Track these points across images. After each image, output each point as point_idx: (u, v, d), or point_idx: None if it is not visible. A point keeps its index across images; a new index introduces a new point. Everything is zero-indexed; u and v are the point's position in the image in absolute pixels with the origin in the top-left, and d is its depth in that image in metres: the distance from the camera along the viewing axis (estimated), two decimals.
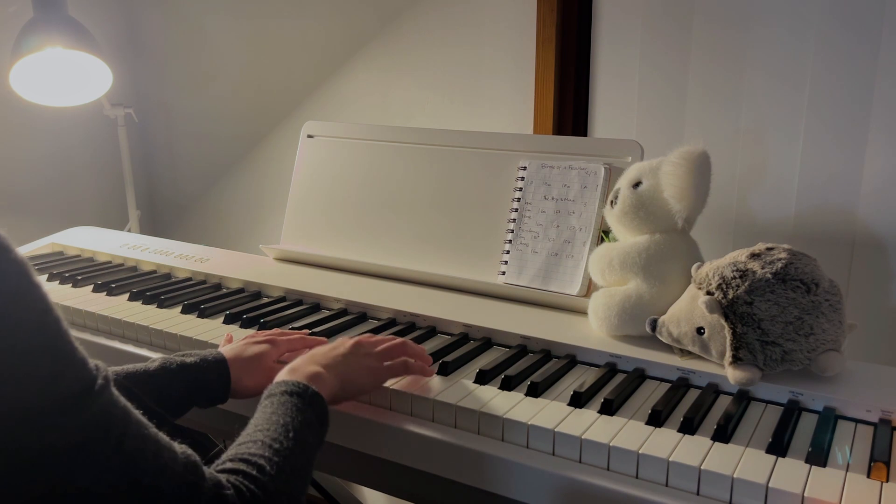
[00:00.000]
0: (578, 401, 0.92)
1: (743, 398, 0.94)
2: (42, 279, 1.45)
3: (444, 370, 1.01)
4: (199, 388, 0.95)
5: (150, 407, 0.88)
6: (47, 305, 0.58)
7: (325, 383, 0.85)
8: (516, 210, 1.29)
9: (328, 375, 0.87)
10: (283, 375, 0.85)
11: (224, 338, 1.12)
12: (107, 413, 0.60)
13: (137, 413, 0.63)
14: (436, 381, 0.99)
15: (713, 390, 0.96)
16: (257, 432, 0.74)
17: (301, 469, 0.74)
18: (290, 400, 0.79)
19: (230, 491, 0.65)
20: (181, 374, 0.94)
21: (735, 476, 0.77)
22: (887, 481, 0.77)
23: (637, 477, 0.81)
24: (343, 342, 0.95)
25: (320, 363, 0.88)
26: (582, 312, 1.16)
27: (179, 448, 0.65)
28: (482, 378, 0.99)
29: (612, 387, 0.96)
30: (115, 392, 0.62)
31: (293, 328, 1.16)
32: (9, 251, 0.58)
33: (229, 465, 0.69)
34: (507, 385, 0.97)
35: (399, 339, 1.01)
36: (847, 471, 0.79)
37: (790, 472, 0.78)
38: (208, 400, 0.97)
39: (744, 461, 0.80)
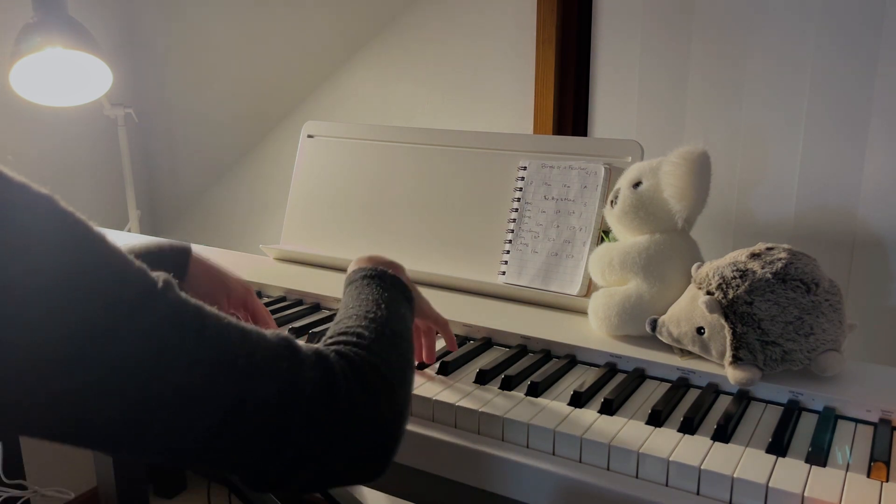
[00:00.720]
0: (578, 401, 0.92)
1: (743, 398, 0.94)
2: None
3: (444, 370, 1.01)
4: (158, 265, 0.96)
5: None
6: (86, 226, 0.57)
7: (401, 273, 0.87)
8: (516, 210, 1.29)
9: (399, 271, 0.88)
10: (359, 263, 0.87)
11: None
12: (177, 310, 0.58)
13: (214, 309, 0.61)
14: (436, 381, 0.99)
15: (713, 390, 0.96)
16: (348, 310, 0.75)
17: (401, 335, 0.74)
18: (371, 282, 0.81)
19: (333, 356, 0.64)
20: (144, 254, 0.93)
21: (735, 476, 0.77)
22: (887, 481, 0.77)
23: (637, 477, 0.81)
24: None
25: (387, 263, 0.90)
26: (582, 312, 1.16)
27: (270, 331, 0.63)
28: (482, 378, 0.99)
29: (612, 387, 0.96)
30: (182, 293, 0.60)
31: (293, 328, 1.16)
32: (28, 187, 0.57)
33: (329, 340, 0.69)
34: (507, 385, 0.97)
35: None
36: (847, 471, 0.79)
37: (790, 472, 0.78)
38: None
39: (744, 461, 0.80)
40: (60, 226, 0.55)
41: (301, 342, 0.64)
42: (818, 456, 0.80)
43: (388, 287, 0.80)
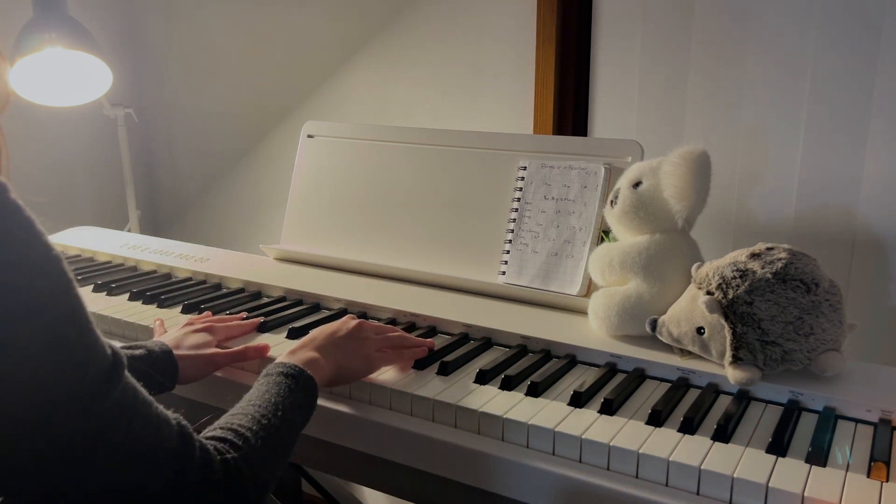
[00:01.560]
0: (578, 401, 0.92)
1: (743, 398, 0.94)
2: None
3: (444, 370, 1.01)
4: (148, 379, 0.97)
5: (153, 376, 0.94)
6: (78, 295, 0.60)
7: (321, 369, 0.90)
8: (516, 210, 1.29)
9: (325, 362, 0.91)
10: (282, 357, 0.90)
11: (157, 324, 1.16)
12: (123, 396, 0.63)
13: (143, 391, 0.66)
14: (436, 381, 0.99)
15: (713, 390, 0.96)
16: (249, 406, 0.79)
17: (284, 446, 0.79)
18: (284, 381, 0.84)
19: (217, 458, 0.69)
20: (133, 365, 0.95)
21: (735, 476, 0.77)
22: (887, 481, 0.77)
23: (637, 477, 0.81)
24: (346, 322, 1.00)
25: (319, 348, 0.93)
26: (582, 312, 1.16)
27: (174, 418, 0.68)
28: (482, 378, 0.99)
29: (612, 387, 0.96)
30: (127, 373, 0.64)
31: (293, 328, 1.16)
32: (40, 245, 0.59)
33: (219, 432, 0.73)
34: (507, 385, 0.97)
35: (399, 332, 1.06)
36: (847, 471, 0.79)
37: (790, 472, 0.78)
38: (157, 389, 1.00)
39: (744, 461, 0.80)
40: (54, 293, 0.59)
41: (196, 437, 0.70)
42: (818, 456, 0.80)
43: (296, 389, 0.84)
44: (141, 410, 0.64)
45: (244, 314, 1.21)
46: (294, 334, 1.14)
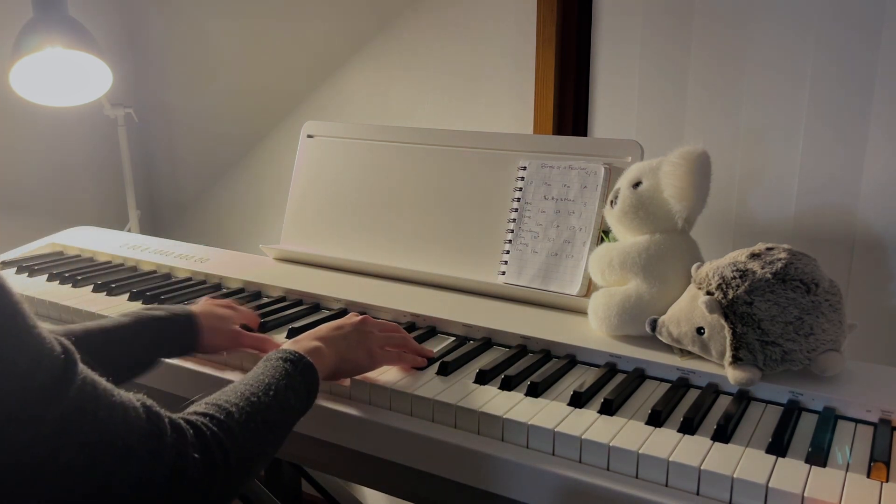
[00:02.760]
0: (578, 401, 0.92)
1: (743, 398, 0.94)
2: (38, 280, 1.45)
3: (444, 370, 1.01)
4: (169, 338, 1.00)
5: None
6: (14, 303, 0.59)
7: (323, 357, 0.89)
8: (516, 210, 1.29)
9: (327, 351, 0.91)
10: (285, 345, 0.89)
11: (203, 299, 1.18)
12: (81, 393, 0.62)
13: (102, 380, 0.65)
14: (436, 381, 0.99)
15: (713, 390, 0.96)
16: (240, 385, 0.78)
17: (274, 425, 0.77)
18: (282, 365, 0.83)
19: (191, 431, 0.68)
20: (153, 325, 0.98)
21: (735, 476, 0.77)
22: (887, 481, 0.77)
23: (637, 477, 0.81)
24: (350, 318, 1.01)
25: (322, 338, 0.93)
26: (582, 312, 1.16)
27: (138, 399, 0.67)
28: (482, 378, 0.99)
29: (612, 387, 0.96)
30: (82, 367, 0.64)
31: (293, 328, 1.16)
32: None
33: (201, 407, 0.73)
34: (507, 385, 0.97)
35: (403, 332, 1.06)
36: (847, 471, 0.79)
37: (790, 472, 0.78)
38: (179, 350, 1.02)
39: (744, 461, 0.80)
40: None
41: (166, 414, 0.69)
42: (818, 456, 0.80)
43: (294, 373, 0.83)
44: (103, 402, 0.64)
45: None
46: (294, 334, 1.14)
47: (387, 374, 1.01)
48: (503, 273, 1.28)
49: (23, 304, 0.60)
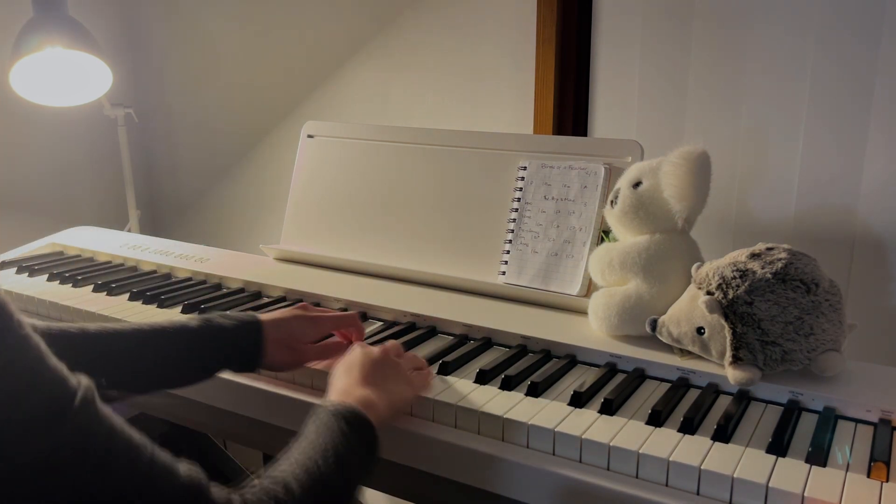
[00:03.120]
0: (578, 401, 0.92)
1: (743, 398, 0.94)
2: (38, 280, 1.45)
3: (445, 370, 1.01)
4: (232, 353, 0.95)
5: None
6: (7, 322, 0.54)
7: (376, 407, 0.81)
8: (516, 210, 1.29)
9: (377, 397, 0.83)
10: (333, 394, 0.83)
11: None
12: (84, 434, 0.56)
13: (130, 432, 0.59)
14: (436, 382, 0.99)
15: (713, 390, 0.96)
16: (295, 451, 0.72)
17: (337, 492, 0.70)
18: (336, 424, 0.75)
19: None
20: (219, 335, 0.94)
21: (735, 476, 0.77)
22: (887, 481, 0.77)
23: (637, 477, 0.81)
24: (371, 350, 0.92)
25: (367, 382, 0.85)
26: (582, 312, 1.16)
27: (184, 468, 0.61)
28: (482, 378, 0.99)
29: (612, 387, 0.96)
30: (101, 411, 0.57)
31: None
32: None
33: (255, 482, 0.66)
34: (507, 385, 0.97)
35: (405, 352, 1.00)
36: (847, 471, 0.79)
37: (790, 472, 0.78)
38: (240, 366, 0.97)
39: (744, 461, 0.80)
40: None
41: (219, 489, 0.61)
42: (818, 456, 0.80)
43: (351, 434, 0.75)
44: (119, 454, 0.57)
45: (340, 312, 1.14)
46: None
47: None
48: (503, 273, 1.28)
49: (24, 329, 0.55)
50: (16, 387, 0.53)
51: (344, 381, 0.86)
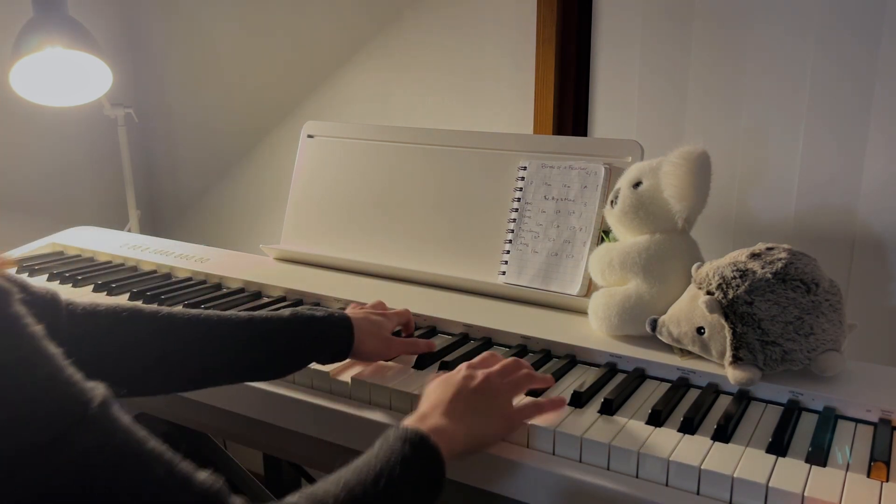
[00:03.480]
0: (578, 401, 0.92)
1: (743, 398, 0.94)
2: (39, 280, 1.45)
3: (445, 370, 1.01)
4: (325, 341, 0.97)
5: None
6: (22, 343, 0.54)
7: (450, 440, 0.75)
8: (516, 210, 1.29)
9: (455, 429, 0.77)
10: (414, 415, 0.79)
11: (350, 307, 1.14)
12: (102, 437, 0.55)
13: (148, 439, 0.58)
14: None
15: (713, 390, 0.96)
16: (346, 471, 0.67)
17: None
18: (399, 447, 0.70)
19: None
20: (311, 325, 0.95)
21: (735, 476, 0.77)
22: (887, 481, 0.77)
23: (637, 477, 0.81)
24: (471, 377, 0.85)
25: (450, 413, 0.79)
26: (582, 312, 1.16)
27: (203, 477, 0.58)
28: None
29: (612, 387, 0.96)
30: (118, 418, 0.56)
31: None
32: None
33: (291, 498, 0.63)
34: None
35: (523, 366, 0.92)
36: (847, 471, 0.79)
37: (790, 472, 0.78)
38: (331, 355, 0.98)
39: (744, 461, 0.80)
40: None
41: (240, 500, 0.59)
42: (818, 456, 0.80)
43: (413, 460, 0.69)
44: (131, 461, 0.55)
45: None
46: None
47: (388, 373, 1.01)
48: (503, 273, 1.28)
49: (36, 346, 0.54)
50: (33, 393, 0.53)
51: (429, 404, 0.80)
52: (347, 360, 1.02)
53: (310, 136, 1.54)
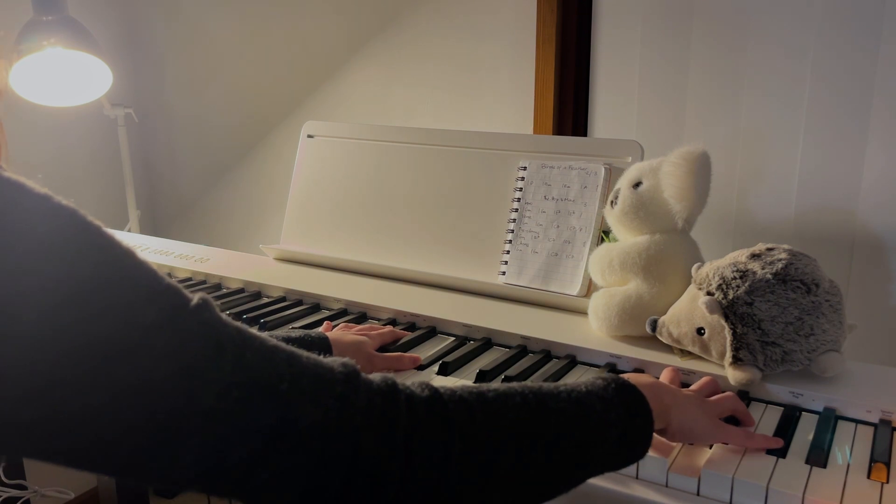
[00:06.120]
0: None
1: (743, 398, 0.94)
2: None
3: (444, 370, 1.01)
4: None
5: None
6: (111, 241, 0.53)
7: (660, 403, 0.70)
8: (516, 210, 1.29)
9: (667, 406, 0.73)
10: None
11: (324, 325, 1.15)
12: (210, 330, 0.54)
13: (260, 333, 0.58)
14: (436, 382, 0.99)
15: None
16: (515, 384, 0.62)
17: (547, 472, 0.58)
18: (603, 386, 0.64)
19: (404, 393, 0.56)
20: (289, 340, 0.94)
21: (735, 477, 0.77)
22: (887, 482, 0.77)
23: (637, 477, 0.81)
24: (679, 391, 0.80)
25: (655, 392, 0.72)
26: (582, 312, 1.16)
27: (335, 359, 0.57)
28: (482, 378, 0.99)
29: None
30: (221, 315, 0.56)
31: (293, 328, 1.16)
32: (50, 198, 0.54)
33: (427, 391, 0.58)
34: None
35: (735, 402, 0.86)
36: (847, 471, 0.78)
37: (790, 473, 0.78)
38: None
39: (744, 462, 0.80)
40: (81, 239, 0.51)
41: (377, 376, 0.58)
42: (818, 457, 0.80)
43: (609, 398, 0.63)
44: (254, 344, 0.55)
45: (390, 327, 1.15)
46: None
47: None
48: (503, 273, 1.28)
49: (127, 246, 0.54)
50: (133, 296, 0.52)
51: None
52: None
53: (309, 136, 1.54)
